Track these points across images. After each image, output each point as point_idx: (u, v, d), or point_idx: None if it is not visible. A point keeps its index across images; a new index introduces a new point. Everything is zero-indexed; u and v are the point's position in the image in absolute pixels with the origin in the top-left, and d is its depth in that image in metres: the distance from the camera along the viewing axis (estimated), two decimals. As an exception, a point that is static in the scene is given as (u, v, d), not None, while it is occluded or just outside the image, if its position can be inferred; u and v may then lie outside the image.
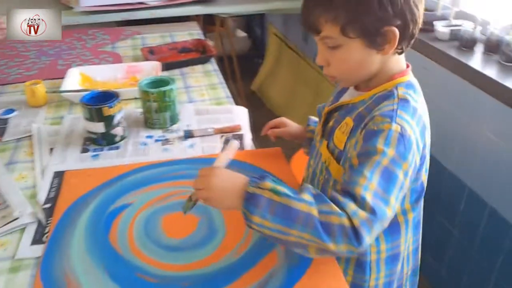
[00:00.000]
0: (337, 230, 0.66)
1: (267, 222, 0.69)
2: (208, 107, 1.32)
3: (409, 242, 0.92)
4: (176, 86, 1.21)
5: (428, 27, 1.58)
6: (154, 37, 1.87)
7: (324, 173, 0.88)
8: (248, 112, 1.29)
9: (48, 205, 0.94)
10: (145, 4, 2.06)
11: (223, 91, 1.42)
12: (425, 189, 0.86)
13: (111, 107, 1.10)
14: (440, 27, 1.52)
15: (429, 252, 1.67)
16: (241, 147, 1.14)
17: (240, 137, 1.17)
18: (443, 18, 1.57)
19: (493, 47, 1.39)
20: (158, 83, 1.21)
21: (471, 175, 1.42)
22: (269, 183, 0.71)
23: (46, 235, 0.87)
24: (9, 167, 1.07)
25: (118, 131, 1.14)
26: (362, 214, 0.67)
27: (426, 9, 1.61)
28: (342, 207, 0.68)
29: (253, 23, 3.59)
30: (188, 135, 1.17)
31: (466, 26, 1.46)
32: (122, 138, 1.16)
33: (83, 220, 0.90)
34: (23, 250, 0.83)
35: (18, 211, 0.92)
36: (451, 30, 1.50)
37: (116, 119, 1.12)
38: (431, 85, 1.54)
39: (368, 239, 0.67)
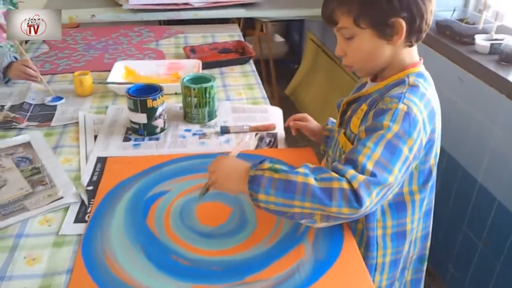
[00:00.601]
0: (337, 194, 0.74)
1: (271, 197, 0.77)
2: (245, 105, 1.36)
3: (418, 226, 0.97)
4: (216, 84, 1.26)
5: (468, 40, 1.58)
6: (196, 37, 1.93)
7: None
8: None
9: (90, 187, 1.00)
10: (190, 4, 2.12)
11: (260, 92, 1.46)
12: (434, 176, 0.92)
13: (154, 99, 1.16)
14: (481, 40, 1.51)
15: (455, 265, 1.66)
16: (274, 145, 1.18)
17: (274, 136, 1.21)
18: (484, 32, 1.57)
19: (533, 62, 1.39)
20: (199, 80, 1.26)
21: (501, 188, 1.41)
22: (267, 164, 0.80)
23: (88, 215, 0.92)
24: (55, 150, 1.14)
25: (159, 122, 1.20)
26: (361, 177, 0.75)
27: (468, 23, 1.63)
28: (342, 174, 0.76)
29: (291, 29, 3.63)
30: (225, 131, 1.21)
31: (507, 41, 1.46)
32: (162, 130, 1.22)
33: (122, 203, 0.96)
34: (67, 227, 0.89)
35: (62, 190, 0.99)
36: (492, 44, 1.49)
37: (158, 112, 1.18)
38: (465, 96, 1.54)
39: (368, 201, 0.74)
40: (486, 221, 1.48)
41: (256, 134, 1.21)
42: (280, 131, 1.23)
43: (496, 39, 1.52)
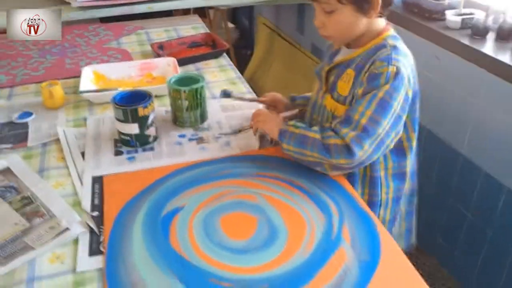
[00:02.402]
0: (333, 148, 0.92)
1: (291, 147, 0.98)
2: (233, 103, 1.30)
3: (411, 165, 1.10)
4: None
5: (437, 16, 1.61)
6: (158, 32, 1.82)
7: (330, 120, 1.04)
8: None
9: (96, 213, 0.91)
10: (143, -3, 1.99)
11: (244, 86, 1.40)
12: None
13: (145, 107, 1.07)
14: (451, 16, 1.54)
15: (443, 236, 1.71)
16: (277, 143, 1.12)
17: (275, 133, 1.16)
18: (451, 7, 1.59)
19: (505, 35, 1.43)
20: (187, 80, 1.17)
21: (487, 159, 1.46)
22: (292, 122, 1.01)
23: (101, 245, 0.83)
24: (42, 174, 1.02)
25: (151, 131, 1.11)
26: (352, 133, 0.91)
27: (435, -2, 1.65)
28: (337, 132, 0.93)
29: (239, 14, 3.55)
30: (228, 94, 1.21)
31: (478, 15, 1.49)
32: (155, 138, 1.13)
33: (137, 227, 0.87)
34: (83, 263, 0.80)
35: (65, 220, 0.88)
36: (463, 19, 1.52)
37: (150, 119, 1.09)
38: (443, 72, 1.57)
39: (360, 152, 0.90)
40: (472, 191, 1.53)
41: (255, 133, 1.15)
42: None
43: (465, 14, 1.55)
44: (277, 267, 0.78)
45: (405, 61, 0.94)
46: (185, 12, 2.76)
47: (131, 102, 1.07)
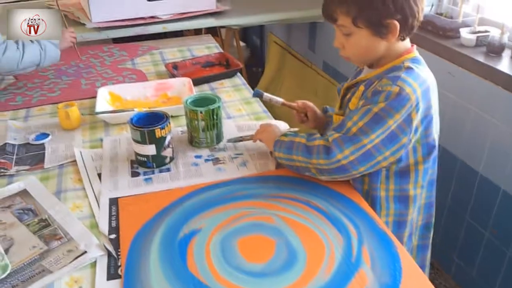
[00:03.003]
0: (315, 149, 0.95)
1: (280, 154, 1.02)
2: (249, 122, 1.30)
3: (421, 194, 1.06)
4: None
5: (452, 33, 1.60)
6: (173, 52, 1.84)
7: None
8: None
9: (113, 236, 0.90)
10: (157, 18, 2.02)
11: (259, 106, 1.40)
12: (437, 148, 1.04)
13: (163, 128, 1.07)
14: (466, 34, 1.53)
15: (460, 256, 1.68)
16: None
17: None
18: (466, 25, 1.59)
19: (521, 52, 1.42)
20: (203, 101, 1.18)
21: (504, 177, 1.43)
22: (284, 132, 1.06)
23: (120, 269, 0.83)
24: (59, 196, 1.02)
25: (168, 152, 1.11)
26: (336, 135, 0.94)
27: (448, 17, 1.65)
28: (326, 135, 0.96)
29: (250, 33, 3.58)
30: (259, 93, 1.24)
31: (494, 33, 1.49)
32: (171, 159, 1.13)
33: (154, 250, 0.87)
34: (101, 287, 0.79)
35: (84, 243, 0.88)
36: (478, 36, 1.51)
37: (167, 141, 1.09)
38: (457, 90, 1.56)
39: (339, 154, 0.92)
40: (491, 210, 1.51)
41: (272, 153, 1.15)
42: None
43: (479, 32, 1.54)
44: (297, 292, 0.77)
45: (416, 84, 0.92)
46: (197, 32, 2.79)
47: (148, 123, 1.08)
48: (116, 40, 2.05)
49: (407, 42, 0.99)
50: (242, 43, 3.44)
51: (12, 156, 1.17)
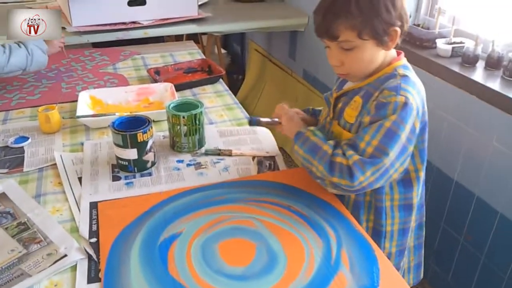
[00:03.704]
0: (337, 167, 0.91)
1: (301, 151, 0.98)
2: (231, 128, 1.31)
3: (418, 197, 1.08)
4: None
5: (428, 44, 1.65)
6: (155, 57, 1.84)
7: None
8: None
9: (94, 239, 0.90)
10: (139, 23, 2.02)
11: (241, 112, 1.41)
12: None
13: (145, 132, 1.07)
14: (442, 44, 1.58)
15: (436, 262, 1.71)
16: (276, 167, 1.14)
17: (272, 159, 1.17)
18: (441, 36, 1.64)
19: (494, 64, 1.47)
20: (185, 106, 1.19)
21: (478, 185, 1.48)
22: (312, 128, 1.01)
23: (100, 272, 0.83)
24: (38, 199, 1.01)
25: (149, 157, 1.11)
26: (355, 157, 0.89)
27: (425, 28, 1.69)
28: (344, 153, 0.92)
29: (231, 40, 3.60)
30: (255, 122, 1.16)
31: (468, 44, 1.54)
32: (153, 164, 1.13)
33: (134, 254, 0.87)
34: (81, 289, 0.79)
35: (63, 247, 0.88)
36: (453, 47, 1.56)
37: (148, 145, 1.09)
38: (434, 99, 1.60)
39: (361, 177, 0.89)
40: (465, 216, 1.55)
41: (254, 158, 1.16)
42: (276, 153, 1.20)
43: (455, 43, 1.59)
44: (278, 294, 0.78)
45: (414, 92, 0.93)
46: (177, 38, 2.79)
47: (129, 128, 1.08)
48: (96, 45, 2.04)
49: (393, 50, 0.99)
50: (223, 50, 3.45)
51: (-10, 159, 1.15)
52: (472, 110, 1.46)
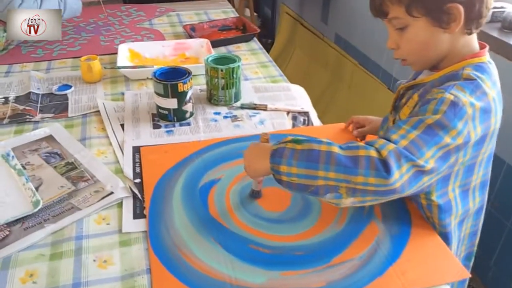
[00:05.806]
0: (364, 161, 0.69)
1: (293, 168, 0.72)
2: (266, 84, 1.33)
3: (466, 224, 0.92)
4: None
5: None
6: (189, 14, 1.85)
7: None
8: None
9: (138, 180, 0.95)
10: (174, -20, 2.03)
11: (275, 70, 1.43)
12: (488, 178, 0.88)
13: (185, 83, 1.10)
14: (482, 9, 1.55)
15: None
16: (310, 123, 1.16)
17: (306, 115, 1.19)
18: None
19: (535, 29, 1.44)
20: (223, 60, 1.21)
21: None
22: (289, 137, 0.76)
23: (145, 210, 0.88)
24: (84, 142, 1.07)
25: (188, 107, 1.15)
26: (391, 146, 0.69)
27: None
28: (371, 144, 0.71)
29: (262, 3, 3.57)
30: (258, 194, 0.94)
31: (509, 9, 1.50)
32: (191, 114, 1.17)
33: (177, 195, 0.91)
34: (128, 225, 0.84)
35: (110, 185, 0.93)
36: (493, 12, 1.53)
37: (188, 96, 1.13)
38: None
39: (397, 173, 0.68)
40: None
41: (288, 113, 1.19)
42: (310, 109, 1.22)
43: (495, 7, 1.56)
44: (312, 237, 0.82)
45: (472, 97, 0.74)
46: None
47: (170, 78, 1.11)
48: (128, 1, 2.05)
49: (474, 42, 0.81)
50: (253, 13, 3.43)
51: (37, 104, 1.20)
52: (510, 76, 1.44)
